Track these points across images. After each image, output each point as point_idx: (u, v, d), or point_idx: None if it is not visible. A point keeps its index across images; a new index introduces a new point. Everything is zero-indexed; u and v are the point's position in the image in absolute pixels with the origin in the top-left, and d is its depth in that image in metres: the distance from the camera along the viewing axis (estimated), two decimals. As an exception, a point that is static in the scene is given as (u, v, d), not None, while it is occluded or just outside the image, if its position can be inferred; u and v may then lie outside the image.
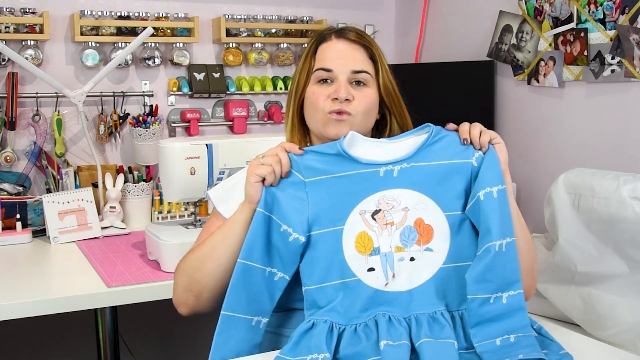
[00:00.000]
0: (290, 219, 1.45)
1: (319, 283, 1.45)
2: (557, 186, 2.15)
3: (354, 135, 1.50)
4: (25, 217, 2.72)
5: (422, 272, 1.45)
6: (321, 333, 1.38)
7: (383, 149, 1.49)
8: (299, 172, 1.48)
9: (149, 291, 2.09)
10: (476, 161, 1.47)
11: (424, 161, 1.48)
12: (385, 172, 1.47)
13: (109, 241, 2.64)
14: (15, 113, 2.87)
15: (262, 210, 1.46)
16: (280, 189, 1.48)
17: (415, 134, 1.51)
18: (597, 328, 2.00)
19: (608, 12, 2.48)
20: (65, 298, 2.00)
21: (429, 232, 1.46)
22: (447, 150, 1.49)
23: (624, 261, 1.98)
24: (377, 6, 3.69)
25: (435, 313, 1.42)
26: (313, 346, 1.37)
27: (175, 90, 3.22)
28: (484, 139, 1.48)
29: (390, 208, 1.46)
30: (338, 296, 1.43)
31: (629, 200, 1.93)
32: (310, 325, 1.42)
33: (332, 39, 1.67)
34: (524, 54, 2.88)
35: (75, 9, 3.01)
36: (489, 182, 1.43)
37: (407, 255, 1.45)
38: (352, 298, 1.43)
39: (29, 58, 2.88)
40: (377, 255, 1.45)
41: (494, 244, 1.39)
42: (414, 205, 1.46)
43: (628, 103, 2.47)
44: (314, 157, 1.49)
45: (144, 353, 3.14)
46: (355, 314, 1.42)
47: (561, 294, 2.11)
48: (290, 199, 1.47)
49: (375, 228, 1.46)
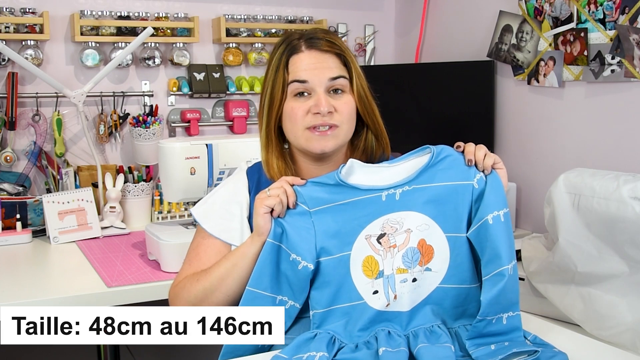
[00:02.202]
0: (299, 247, 1.47)
1: (327, 306, 1.47)
2: (557, 186, 2.15)
3: (352, 164, 1.51)
4: (25, 217, 2.72)
5: (421, 292, 1.47)
6: (322, 340, 1.41)
7: (383, 174, 1.51)
8: (303, 203, 1.50)
9: (149, 291, 2.09)
10: (477, 183, 1.48)
11: (425, 183, 1.48)
12: (387, 197, 1.48)
13: (109, 241, 2.64)
14: (15, 113, 2.87)
15: (272, 241, 1.48)
16: (288, 219, 1.49)
17: (415, 155, 1.52)
18: (597, 328, 2.00)
19: (608, 12, 2.48)
20: (65, 298, 2.00)
21: (430, 252, 1.48)
22: (448, 172, 1.49)
23: (624, 261, 1.97)
24: (377, 6, 3.69)
25: (432, 326, 1.44)
26: (312, 348, 1.39)
27: (175, 90, 3.22)
28: (487, 162, 1.48)
29: (394, 231, 1.47)
30: (344, 318, 1.46)
31: (629, 200, 1.93)
32: (313, 335, 1.44)
33: (303, 50, 1.61)
34: (524, 54, 2.87)
35: (75, 9, 3.01)
36: (496, 205, 1.44)
37: (410, 277, 1.47)
38: (356, 319, 1.45)
39: (29, 58, 2.88)
40: (381, 278, 1.47)
41: (506, 268, 1.40)
42: (417, 227, 1.47)
43: (628, 103, 2.46)
44: (315, 187, 1.51)
45: (144, 353, 3.14)
46: (355, 333, 1.44)
47: (561, 294, 2.11)
48: (298, 228, 1.48)
49: (380, 252, 1.47)
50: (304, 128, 1.58)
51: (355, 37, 3.62)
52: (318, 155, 1.62)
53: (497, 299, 1.39)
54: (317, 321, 1.47)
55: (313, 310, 1.48)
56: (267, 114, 1.64)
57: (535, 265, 2.23)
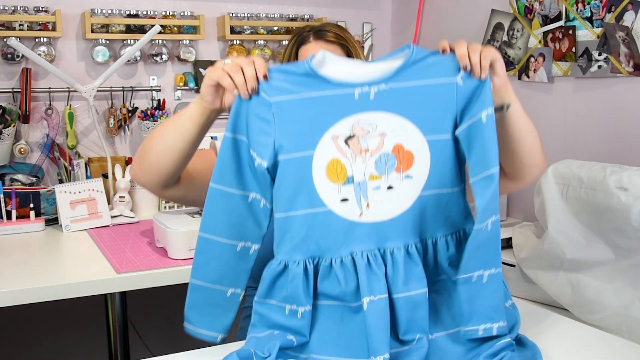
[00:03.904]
0: (255, 142, 1.27)
1: (285, 211, 1.28)
2: (546, 177, 2.14)
3: (325, 55, 1.30)
4: (39, 207, 2.71)
5: (400, 201, 1.29)
6: (296, 279, 1.26)
7: (358, 69, 1.29)
8: (263, 91, 1.28)
9: (157, 277, 2.08)
10: (462, 79, 1.29)
11: (404, 82, 1.28)
12: (360, 95, 1.27)
13: (118, 229, 2.64)
14: (29, 107, 2.86)
15: (230, 135, 1.29)
16: (248, 108, 1.29)
17: (395, 56, 1.31)
18: (585, 312, 1.99)
19: (595, 10, 2.47)
20: (77, 284, 1.99)
21: (409, 159, 1.29)
22: (429, 70, 1.29)
23: (610, 248, 1.97)
24: (375, 5, 3.67)
25: (410, 246, 1.28)
26: (290, 296, 1.26)
27: (181, 85, 3.21)
28: (484, 63, 1.29)
29: (366, 134, 1.28)
30: (306, 228, 1.27)
31: (615, 190, 1.92)
32: (282, 267, 1.28)
33: (311, 40, 1.65)
34: (515, 50, 2.86)
35: (86, 7, 3.00)
36: (489, 103, 1.26)
37: (384, 184, 1.28)
38: (324, 229, 1.27)
39: (42, 54, 2.87)
40: (351, 184, 1.28)
41: (495, 172, 1.24)
42: (392, 130, 1.28)
43: (614, 98, 2.46)
44: (279, 76, 1.29)
45: (152, 336, 3.14)
46: (328, 247, 1.27)
47: (550, 280, 2.11)
48: (257, 119, 1.28)
49: (349, 155, 1.28)
50: None
51: (353, 35, 3.60)
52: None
53: (489, 206, 1.23)
54: (279, 228, 1.29)
55: (275, 215, 1.30)
56: None
57: (525, 253, 2.22)
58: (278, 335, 1.26)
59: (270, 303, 1.29)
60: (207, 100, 1.36)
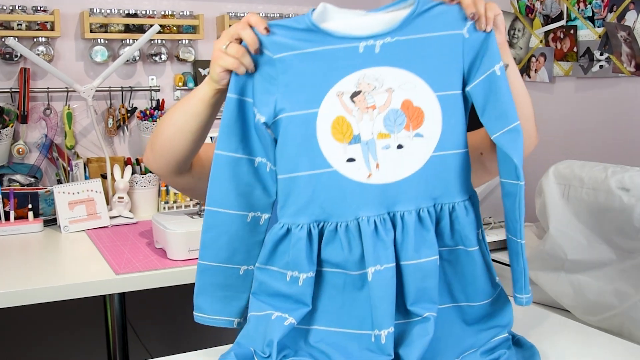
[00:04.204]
0: (257, 98, 1.24)
1: (288, 172, 1.24)
2: (547, 177, 2.14)
3: (325, 7, 1.24)
4: (37, 207, 2.71)
5: (411, 161, 1.23)
6: (299, 243, 1.21)
7: (361, 21, 1.22)
8: (266, 48, 1.23)
9: (156, 278, 2.08)
10: (468, 32, 1.22)
11: (410, 34, 1.21)
12: (365, 48, 1.21)
13: (117, 230, 2.64)
14: (27, 107, 2.86)
15: (233, 95, 1.26)
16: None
17: (399, 5, 1.24)
18: (586, 313, 1.99)
19: (597, 10, 2.47)
20: (75, 285, 1.99)
21: (420, 116, 1.23)
22: (435, 21, 1.23)
23: (611, 249, 1.97)
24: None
25: (422, 210, 1.23)
26: (292, 262, 1.22)
27: (181, 85, 3.21)
28: (489, 15, 1.23)
29: (372, 89, 1.22)
30: (310, 190, 1.22)
31: (616, 191, 1.92)
32: (285, 231, 1.23)
33: None
34: (516, 50, 2.86)
35: (84, 7, 2.99)
36: (498, 56, 1.21)
37: (394, 143, 1.22)
38: (330, 192, 1.22)
39: (40, 54, 2.87)
40: (358, 143, 1.22)
41: (518, 124, 1.21)
42: (399, 85, 1.22)
43: (616, 98, 2.46)
44: (281, 31, 1.24)
45: (151, 338, 3.14)
46: (333, 210, 1.22)
47: (552, 281, 2.10)
48: (262, 78, 1.24)
49: (354, 112, 1.22)
50: None
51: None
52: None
53: (522, 160, 1.22)
54: (282, 190, 1.25)
55: (278, 176, 1.26)
56: None
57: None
58: (276, 320, 1.21)
59: (271, 269, 1.25)
60: (222, 83, 1.30)
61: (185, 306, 1.78)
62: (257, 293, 1.26)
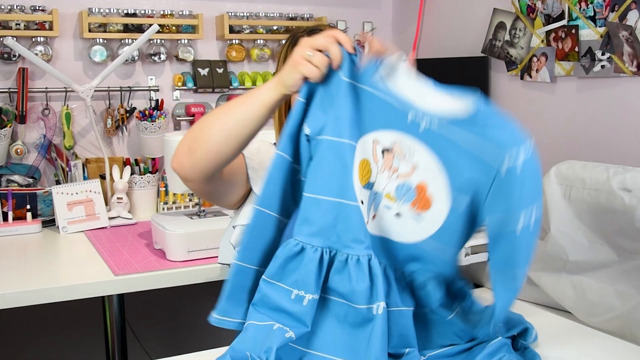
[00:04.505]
0: (311, 110, 1.28)
1: (316, 193, 1.26)
2: (548, 178, 2.14)
3: (399, 61, 1.28)
4: (35, 208, 2.71)
5: (404, 233, 1.30)
6: (311, 264, 1.24)
7: (420, 91, 1.26)
8: (341, 68, 1.27)
9: (155, 279, 2.08)
10: (506, 172, 1.23)
11: (455, 135, 1.24)
12: (412, 120, 1.26)
13: (116, 231, 2.64)
14: (25, 107, 2.86)
15: (304, 100, 1.29)
16: (324, 82, 1.28)
17: (460, 97, 1.25)
18: (588, 315, 1.99)
19: (598, 9, 2.47)
20: (74, 286, 1.99)
21: (426, 204, 1.29)
22: (480, 143, 1.24)
23: (613, 250, 1.97)
24: (375, 4, 3.67)
25: (404, 273, 1.33)
26: (300, 281, 1.24)
27: (180, 85, 3.20)
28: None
29: (402, 156, 1.28)
30: (333, 216, 1.25)
31: (618, 192, 1.92)
32: (299, 249, 1.26)
33: None
34: (517, 50, 2.86)
35: (83, 6, 2.99)
36: (528, 202, 1.22)
37: (395, 209, 1.29)
38: (349, 224, 1.25)
39: (39, 54, 2.87)
40: (369, 190, 1.29)
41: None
42: (424, 168, 1.27)
43: (617, 98, 2.45)
44: (349, 63, 1.27)
45: (150, 339, 3.14)
46: (352, 243, 1.25)
47: (553, 282, 2.10)
48: (325, 92, 1.28)
49: (379, 164, 1.29)
50: None
51: (354, 34, 3.60)
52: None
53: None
54: (305, 208, 1.27)
55: (303, 193, 1.28)
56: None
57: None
58: (277, 331, 1.22)
59: (278, 285, 1.26)
60: (293, 89, 1.31)
61: (185, 307, 1.77)
62: (258, 305, 1.27)
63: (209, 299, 2.01)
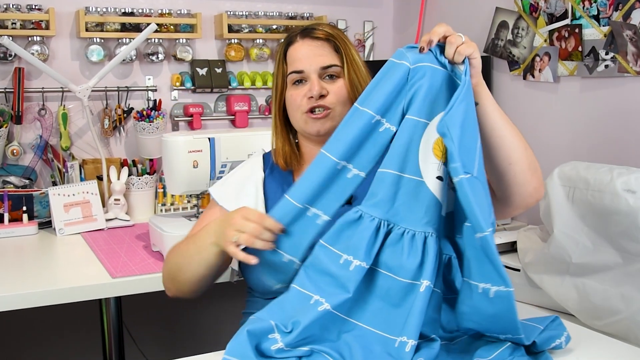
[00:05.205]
0: (384, 106, 1.34)
1: (383, 167, 1.32)
2: (552, 179, 2.14)
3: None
4: (32, 209, 2.71)
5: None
6: (365, 232, 1.30)
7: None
8: (404, 59, 1.34)
9: (152, 282, 2.08)
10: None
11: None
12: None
13: (113, 233, 2.64)
14: (21, 107, 2.86)
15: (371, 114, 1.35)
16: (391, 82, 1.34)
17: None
18: (592, 318, 1.99)
19: (602, 8, 2.47)
20: (71, 289, 1.99)
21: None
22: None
23: (617, 252, 1.97)
24: (376, 3, 3.67)
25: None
26: (352, 246, 1.30)
27: (178, 85, 3.20)
28: (463, 50, 1.35)
29: None
30: (395, 189, 1.31)
31: (622, 193, 1.92)
32: (358, 217, 1.32)
33: (298, 40, 1.68)
34: (520, 49, 2.86)
35: (80, 5, 2.99)
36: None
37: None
38: (410, 199, 1.31)
39: (35, 53, 2.87)
40: (447, 167, 1.30)
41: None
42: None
43: (621, 98, 2.46)
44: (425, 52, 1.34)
45: (148, 342, 3.14)
46: (407, 216, 1.30)
47: (556, 285, 2.10)
48: (394, 87, 1.34)
49: None
50: (302, 112, 1.65)
51: (354, 33, 3.60)
52: (315, 137, 1.67)
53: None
54: (377, 179, 1.33)
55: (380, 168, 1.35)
56: (274, 103, 1.72)
57: (530, 257, 2.22)
58: (313, 305, 1.28)
59: (330, 249, 1.32)
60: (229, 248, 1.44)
61: (182, 311, 1.77)
62: (309, 267, 1.34)
63: (207, 302, 2.02)
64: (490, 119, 1.40)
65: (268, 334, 1.27)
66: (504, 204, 1.50)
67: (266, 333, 1.27)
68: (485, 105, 1.39)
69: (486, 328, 1.31)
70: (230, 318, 2.12)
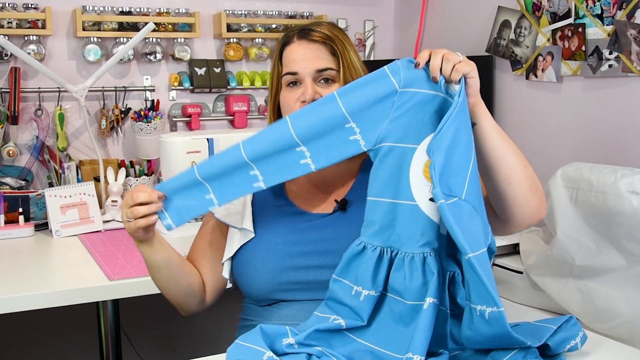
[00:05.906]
0: (365, 122, 1.39)
1: (375, 196, 1.39)
2: (555, 180, 2.14)
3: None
4: (28, 211, 2.71)
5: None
6: (368, 262, 1.36)
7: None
8: (395, 77, 1.37)
9: (150, 284, 2.06)
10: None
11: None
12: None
13: (110, 235, 2.63)
14: (17, 107, 2.86)
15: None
16: (376, 93, 1.38)
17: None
18: (595, 321, 1.99)
19: (606, 7, 2.47)
20: (68, 291, 1.99)
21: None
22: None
23: (621, 254, 1.97)
24: (377, 2, 3.67)
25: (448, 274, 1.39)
26: (360, 277, 1.36)
27: (176, 85, 3.21)
28: (461, 68, 1.33)
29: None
30: (392, 217, 1.36)
31: (626, 194, 1.92)
32: (361, 248, 1.39)
33: (295, 40, 1.64)
34: (523, 49, 2.86)
35: (77, 4, 3.00)
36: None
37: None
38: (407, 223, 1.35)
39: (31, 53, 2.87)
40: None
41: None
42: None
43: (625, 98, 2.45)
44: (410, 68, 1.37)
45: (145, 345, 3.14)
46: (406, 241, 1.35)
47: (559, 287, 2.10)
48: (375, 103, 1.38)
49: None
50: None
51: (355, 33, 3.60)
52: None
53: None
54: (369, 209, 1.39)
55: (367, 197, 1.41)
56: (270, 104, 1.70)
57: (533, 259, 2.22)
58: (330, 321, 1.34)
59: (342, 281, 1.39)
60: (144, 238, 1.58)
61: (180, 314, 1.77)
62: (329, 299, 1.41)
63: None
64: (488, 139, 1.41)
65: (282, 337, 1.31)
66: (505, 223, 1.51)
67: (280, 336, 1.32)
68: (483, 125, 1.40)
69: (492, 347, 1.32)
70: (228, 321, 2.12)
